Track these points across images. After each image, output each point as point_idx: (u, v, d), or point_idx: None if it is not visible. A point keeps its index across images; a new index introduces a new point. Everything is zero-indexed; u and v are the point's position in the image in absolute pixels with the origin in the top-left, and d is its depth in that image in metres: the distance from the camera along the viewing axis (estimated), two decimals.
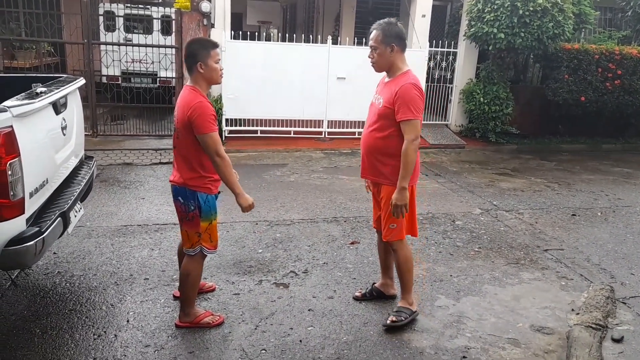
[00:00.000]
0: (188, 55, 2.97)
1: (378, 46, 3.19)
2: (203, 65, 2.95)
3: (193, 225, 3.07)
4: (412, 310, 3.42)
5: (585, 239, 5.10)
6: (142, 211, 5.27)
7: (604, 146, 10.05)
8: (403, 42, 3.25)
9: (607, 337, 3.34)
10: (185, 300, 3.21)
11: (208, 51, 2.96)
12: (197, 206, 3.03)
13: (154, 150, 7.74)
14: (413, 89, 3.11)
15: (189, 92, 2.96)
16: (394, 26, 3.22)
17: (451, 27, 11.51)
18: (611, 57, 9.27)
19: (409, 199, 3.22)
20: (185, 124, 2.91)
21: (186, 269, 3.16)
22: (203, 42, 3.05)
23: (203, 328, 3.21)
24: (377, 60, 3.24)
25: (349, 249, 4.56)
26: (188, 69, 3.00)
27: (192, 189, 3.01)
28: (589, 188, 7.03)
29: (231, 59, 8.34)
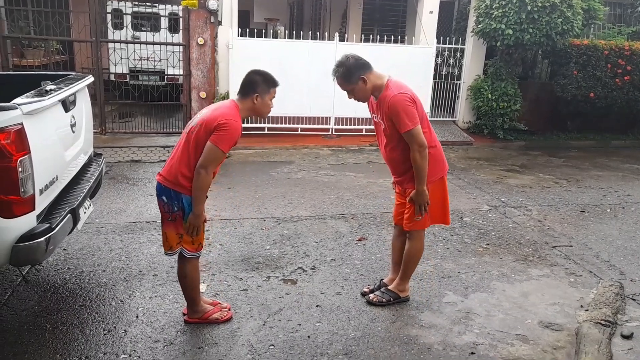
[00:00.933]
0: (249, 83, 3.00)
1: (349, 89, 3.25)
2: (259, 98, 3.00)
3: (175, 226, 3.01)
4: (399, 296, 3.56)
5: (595, 235, 5.07)
6: (151, 208, 5.30)
7: (613, 142, 9.97)
8: (366, 64, 3.22)
9: (617, 333, 3.32)
10: (189, 300, 3.21)
11: (269, 88, 3.02)
12: (180, 207, 2.98)
13: (162, 148, 7.77)
14: (398, 100, 3.14)
15: (232, 106, 2.98)
16: (347, 61, 3.21)
17: (459, 23, 11.47)
18: (621, 53, 9.20)
19: (442, 190, 3.41)
20: (209, 128, 2.87)
21: (182, 272, 3.13)
22: (268, 77, 3.06)
23: (211, 324, 3.22)
24: (359, 97, 3.30)
25: (356, 246, 4.56)
26: (243, 92, 3.02)
27: (178, 190, 2.94)
28: (598, 184, 6.99)
29: (238, 56, 8.36)
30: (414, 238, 3.46)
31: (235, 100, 3.06)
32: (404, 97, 3.16)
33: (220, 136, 2.87)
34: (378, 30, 11.63)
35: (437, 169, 3.35)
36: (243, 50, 8.41)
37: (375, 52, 8.91)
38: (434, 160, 3.31)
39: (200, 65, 8.41)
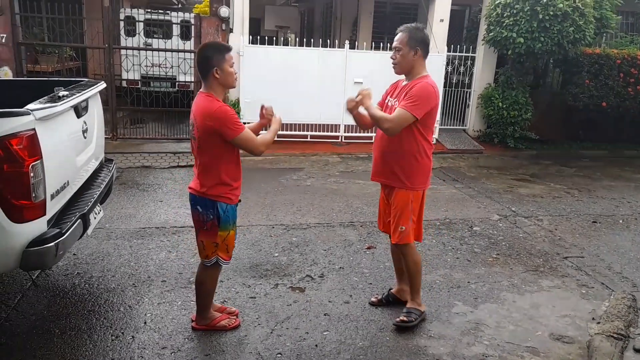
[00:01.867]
0: (202, 61, 2.89)
1: (402, 48, 3.20)
2: (219, 71, 2.87)
3: (210, 235, 3.02)
4: (421, 310, 3.46)
5: (607, 246, 5.01)
6: (160, 214, 5.32)
7: (626, 152, 9.87)
8: (427, 48, 3.26)
9: (629, 347, 3.27)
10: (200, 307, 3.21)
11: (223, 55, 2.88)
12: (216, 216, 2.98)
13: (172, 154, 7.82)
14: (430, 88, 3.15)
15: (204, 99, 2.89)
16: (420, 31, 3.25)
17: (469, 31, 11.44)
18: (633, 62, 9.11)
19: (421, 203, 3.38)
20: (208, 132, 2.85)
21: (201, 278, 3.15)
22: (217, 46, 2.97)
23: (219, 331, 3.22)
24: (399, 61, 3.24)
25: (365, 254, 4.54)
26: (202, 75, 2.91)
27: (211, 198, 2.95)
28: (610, 195, 6.91)
29: (249, 63, 8.40)
30: (406, 253, 3.39)
31: (201, 91, 2.96)
32: (433, 91, 3.17)
33: (226, 130, 2.84)
34: (388, 38, 11.64)
35: (426, 179, 3.34)
36: (254, 57, 8.45)
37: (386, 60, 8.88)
38: (426, 170, 3.32)
39: None
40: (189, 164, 7.43)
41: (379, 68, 8.95)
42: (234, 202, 3.06)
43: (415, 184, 3.28)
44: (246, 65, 8.41)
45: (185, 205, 5.61)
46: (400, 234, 3.31)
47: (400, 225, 3.30)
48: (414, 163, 3.25)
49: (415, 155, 3.23)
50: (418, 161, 3.25)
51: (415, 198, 3.31)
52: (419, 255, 3.46)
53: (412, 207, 3.30)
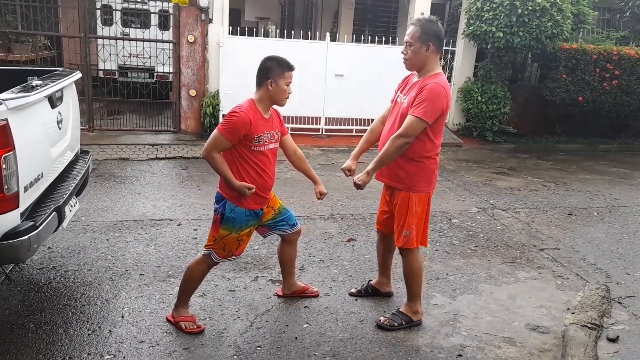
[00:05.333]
0: (262, 69, 2.96)
1: (414, 43, 3.04)
2: (273, 84, 2.94)
3: (214, 227, 3.08)
4: (412, 319, 3.33)
5: (582, 238, 5.10)
6: (138, 206, 5.25)
7: (600, 146, 10.06)
8: (440, 42, 3.09)
9: (603, 336, 3.34)
10: (179, 296, 3.20)
11: (283, 71, 2.95)
12: (221, 211, 3.02)
13: (150, 146, 7.71)
14: (441, 90, 2.98)
15: (245, 101, 3.01)
16: (434, 24, 3.06)
17: (450, 25, 11.50)
18: (609, 58, 9.28)
19: (427, 207, 3.24)
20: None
21: (191, 266, 3.17)
22: (280, 61, 2.98)
23: (178, 329, 3.12)
24: (410, 57, 3.08)
25: (345, 246, 4.55)
26: (258, 82, 2.99)
27: (224, 195, 3.04)
28: (585, 188, 7.04)
29: (229, 54, 8.32)
30: (408, 258, 3.29)
31: (252, 98, 3.04)
32: (444, 93, 2.99)
33: (222, 123, 2.95)
34: (369, 30, 11.65)
35: (430, 181, 3.19)
36: (234, 48, 8.37)
37: (367, 53, 8.94)
38: (430, 173, 3.17)
39: (190, 63, 8.36)
40: (167, 156, 7.34)
41: (360, 61, 8.97)
42: (244, 206, 3.03)
43: (418, 187, 3.16)
44: (226, 56, 8.32)
45: (164, 198, 5.56)
46: (405, 239, 3.21)
47: (404, 229, 3.19)
48: (419, 165, 3.11)
49: (421, 157, 3.10)
50: (424, 164, 3.12)
51: (419, 201, 3.18)
52: (420, 262, 3.33)
53: (415, 210, 3.17)
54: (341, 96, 8.81)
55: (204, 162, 7.62)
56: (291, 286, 3.59)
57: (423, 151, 3.10)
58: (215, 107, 8.35)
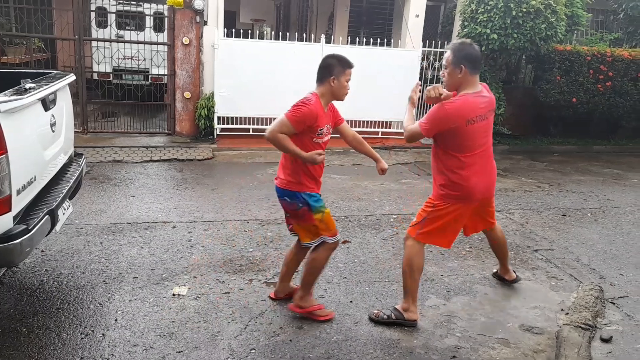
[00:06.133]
0: (325, 67, 3.13)
1: (448, 66, 3.24)
2: (335, 80, 3.11)
3: (306, 220, 3.20)
4: (404, 317, 3.36)
5: (575, 239, 5.12)
6: (132, 209, 5.23)
7: (594, 147, 10.10)
8: (474, 64, 3.19)
9: (596, 337, 3.35)
10: (305, 284, 3.34)
11: (344, 69, 3.12)
12: (304, 202, 3.16)
13: (144, 148, 7.69)
14: (441, 111, 3.15)
15: (311, 95, 3.14)
16: (465, 46, 3.23)
17: (444, 27, 11.54)
18: (603, 59, 9.32)
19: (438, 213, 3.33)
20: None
21: (313, 254, 3.29)
22: (342, 59, 3.15)
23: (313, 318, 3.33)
24: (446, 79, 3.28)
25: (340, 248, 4.54)
26: (319, 78, 3.15)
27: (297, 190, 3.15)
28: (579, 189, 7.07)
29: (224, 56, 8.31)
30: (404, 246, 3.46)
31: (314, 91, 3.18)
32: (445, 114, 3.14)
33: (291, 111, 3.08)
34: (364, 32, 11.67)
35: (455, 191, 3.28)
36: (229, 50, 8.37)
37: (362, 55, 8.93)
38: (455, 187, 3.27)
39: (185, 65, 8.35)
40: (162, 159, 7.33)
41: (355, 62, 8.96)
42: (314, 191, 3.23)
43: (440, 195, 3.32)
44: (221, 58, 8.32)
45: (158, 201, 5.55)
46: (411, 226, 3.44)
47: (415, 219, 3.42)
48: (446, 178, 3.28)
49: (442, 171, 3.30)
50: (447, 177, 3.27)
51: (436, 207, 3.32)
52: (417, 255, 3.37)
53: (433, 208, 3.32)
54: None
55: (198, 165, 7.63)
56: (285, 288, 3.59)
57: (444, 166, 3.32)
58: (210, 110, 8.34)
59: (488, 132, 3.34)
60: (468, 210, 3.38)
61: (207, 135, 8.55)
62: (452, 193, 3.27)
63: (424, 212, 3.37)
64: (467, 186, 3.25)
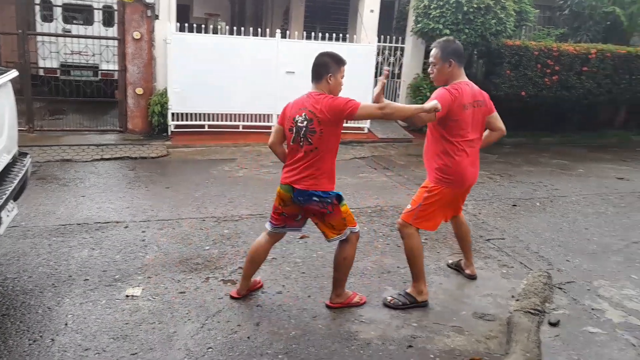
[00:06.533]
0: (320, 65, 3.20)
1: (437, 62, 3.47)
2: (332, 78, 3.19)
3: (336, 215, 3.27)
4: (417, 300, 3.58)
5: (525, 228, 5.30)
6: (82, 209, 5.07)
7: (543, 139, 10.48)
8: (460, 58, 3.48)
9: (545, 321, 3.48)
10: (339, 283, 3.45)
11: (339, 67, 3.21)
12: (333, 197, 3.25)
13: (95, 146, 7.46)
14: (442, 90, 3.38)
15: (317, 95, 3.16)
16: (451, 43, 3.49)
17: (399, 22, 11.69)
18: (550, 54, 9.66)
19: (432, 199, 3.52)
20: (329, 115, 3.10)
21: (343, 253, 3.36)
22: (337, 57, 3.23)
23: (352, 307, 3.48)
24: (435, 74, 3.51)
25: (298, 243, 4.54)
26: (317, 76, 3.21)
27: (325, 190, 3.22)
28: (528, 179, 7.32)
29: (177, 51, 8.15)
30: (404, 236, 3.61)
31: (312, 91, 3.22)
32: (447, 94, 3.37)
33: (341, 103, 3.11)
34: (320, 28, 11.67)
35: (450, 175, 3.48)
36: (182, 45, 8.20)
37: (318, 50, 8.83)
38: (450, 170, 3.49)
39: (136, 61, 8.13)
40: (113, 157, 7.13)
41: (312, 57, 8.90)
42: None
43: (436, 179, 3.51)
44: (174, 53, 8.15)
45: (110, 200, 5.40)
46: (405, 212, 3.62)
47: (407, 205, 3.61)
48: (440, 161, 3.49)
49: (439, 155, 3.50)
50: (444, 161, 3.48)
51: (431, 190, 3.52)
52: (415, 241, 3.57)
53: (419, 196, 3.55)
54: (293, 93, 8.59)
55: (152, 162, 7.49)
56: (248, 285, 3.59)
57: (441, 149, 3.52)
58: (164, 106, 8.17)
59: (480, 125, 3.61)
60: (457, 196, 3.66)
61: (161, 133, 8.37)
62: (447, 177, 3.48)
63: (419, 198, 3.56)
64: (461, 171, 3.48)
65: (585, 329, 3.41)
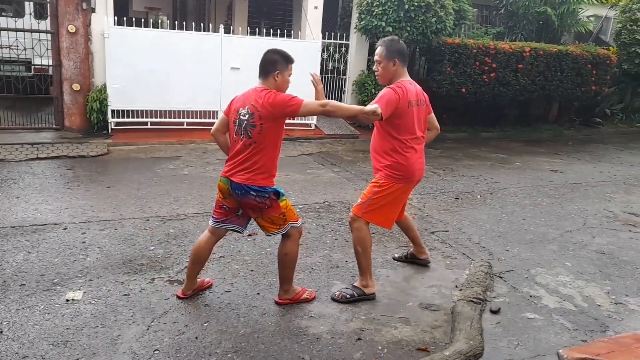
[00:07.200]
0: (268, 62, 3.21)
1: (382, 60, 3.55)
2: (279, 75, 3.21)
3: (274, 209, 3.25)
4: (365, 292, 3.65)
5: (467, 220, 5.49)
6: (17, 211, 4.81)
7: (482, 134, 10.88)
8: (404, 57, 3.59)
9: (487, 309, 3.63)
10: (285, 280, 3.45)
11: (287, 65, 3.24)
12: (271, 193, 3.23)
13: (29, 145, 7.09)
14: (389, 90, 3.45)
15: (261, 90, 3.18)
16: (396, 43, 3.58)
17: (343, 19, 11.78)
18: (487, 52, 10.02)
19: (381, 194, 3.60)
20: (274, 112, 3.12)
21: (284, 249, 3.36)
22: (285, 55, 3.26)
23: (301, 303, 3.49)
24: (381, 72, 3.59)
25: (246, 241, 4.51)
26: (264, 72, 3.22)
27: (260, 184, 3.20)
28: (470, 173, 7.59)
29: (116, 46, 7.87)
30: (353, 229, 3.68)
31: (258, 87, 3.23)
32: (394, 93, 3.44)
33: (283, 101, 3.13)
34: (265, 24, 11.58)
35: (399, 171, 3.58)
36: (121, 40, 7.92)
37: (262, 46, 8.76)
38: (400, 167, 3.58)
39: (72, 55, 7.78)
40: (50, 156, 6.81)
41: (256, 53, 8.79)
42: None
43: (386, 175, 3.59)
44: (112, 48, 7.86)
45: (47, 201, 5.15)
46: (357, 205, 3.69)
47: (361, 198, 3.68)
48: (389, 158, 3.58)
49: (388, 152, 3.57)
50: (393, 157, 3.56)
51: (381, 186, 3.59)
52: (364, 234, 3.63)
53: (370, 190, 3.63)
54: (238, 89, 8.51)
55: (91, 161, 7.22)
56: (194, 284, 3.52)
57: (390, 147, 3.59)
58: (103, 102, 7.87)
59: (424, 123, 3.72)
60: (407, 191, 3.76)
61: (101, 130, 8.06)
62: (396, 173, 3.57)
63: (370, 192, 3.63)
64: (410, 167, 3.58)
65: (524, 315, 3.58)
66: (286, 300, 3.49)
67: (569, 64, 10.74)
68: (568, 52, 10.73)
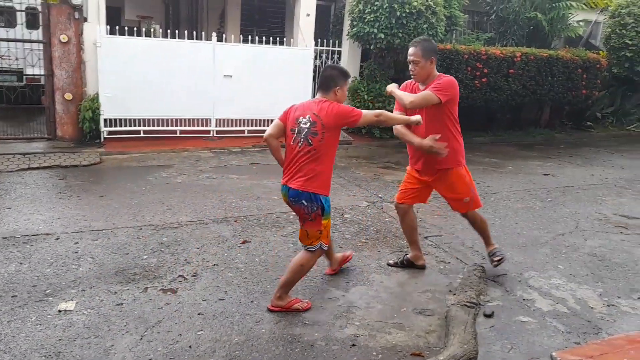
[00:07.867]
0: (329, 78, 3.42)
1: (420, 60, 3.73)
2: (340, 90, 3.42)
3: (315, 224, 3.38)
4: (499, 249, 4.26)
5: (460, 224, 5.49)
6: (9, 222, 4.79)
7: (475, 139, 10.91)
8: (437, 55, 3.83)
9: (480, 313, 3.63)
10: (287, 285, 3.49)
11: (346, 80, 3.46)
12: (319, 207, 3.35)
13: (21, 155, 7.06)
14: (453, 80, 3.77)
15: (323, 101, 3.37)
16: (430, 42, 3.81)
17: (335, 26, 11.83)
18: (478, 57, 10.08)
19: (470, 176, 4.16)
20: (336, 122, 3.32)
21: (302, 260, 3.47)
22: (343, 71, 3.52)
23: (293, 312, 3.48)
24: (418, 72, 3.78)
25: (240, 249, 4.50)
26: (325, 87, 3.42)
27: (316, 193, 3.33)
28: None
29: (108, 55, 7.87)
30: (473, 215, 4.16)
31: (318, 98, 3.44)
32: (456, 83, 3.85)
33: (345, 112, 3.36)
34: (257, 31, 11.62)
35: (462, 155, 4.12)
36: (113, 48, 7.92)
37: (256, 53, 8.91)
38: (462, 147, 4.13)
39: (64, 65, 7.78)
40: (42, 166, 6.78)
41: (249, 61, 8.90)
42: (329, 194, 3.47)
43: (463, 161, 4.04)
44: (105, 57, 7.86)
45: (39, 212, 5.13)
46: (467, 205, 4.08)
47: (464, 197, 4.04)
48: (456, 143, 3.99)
49: (455, 137, 3.98)
50: (458, 141, 4.00)
51: (467, 171, 4.07)
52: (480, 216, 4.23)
53: (468, 179, 4.05)
54: (231, 97, 8.69)
55: (84, 171, 7.20)
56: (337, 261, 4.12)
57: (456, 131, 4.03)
58: (95, 112, 7.86)
59: None
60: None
61: (94, 139, 8.05)
62: (461, 157, 4.05)
63: (469, 184, 4.06)
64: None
65: (518, 318, 3.59)
66: (278, 307, 3.50)
67: (559, 69, 10.82)
68: (558, 57, 10.81)
